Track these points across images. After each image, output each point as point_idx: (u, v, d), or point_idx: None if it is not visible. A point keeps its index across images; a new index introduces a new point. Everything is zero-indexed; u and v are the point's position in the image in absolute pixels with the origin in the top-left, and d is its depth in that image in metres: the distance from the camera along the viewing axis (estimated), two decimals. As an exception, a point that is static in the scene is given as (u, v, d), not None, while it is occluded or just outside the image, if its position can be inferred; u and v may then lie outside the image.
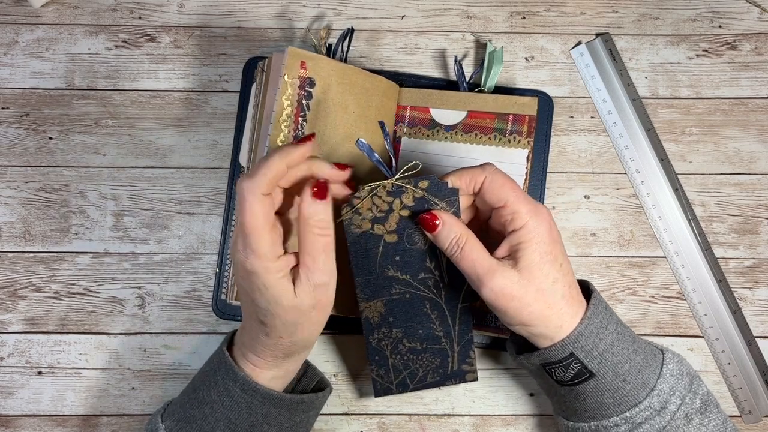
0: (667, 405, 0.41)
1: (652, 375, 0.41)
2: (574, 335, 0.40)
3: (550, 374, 0.42)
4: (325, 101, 0.48)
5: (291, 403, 0.42)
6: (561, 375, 0.42)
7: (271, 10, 0.56)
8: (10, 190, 0.54)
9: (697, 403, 0.42)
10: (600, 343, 0.41)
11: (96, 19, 0.56)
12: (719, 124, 0.55)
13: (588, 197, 0.55)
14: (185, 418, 0.41)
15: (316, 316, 0.40)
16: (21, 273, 0.54)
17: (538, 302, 0.40)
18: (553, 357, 0.41)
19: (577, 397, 0.42)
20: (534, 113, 0.52)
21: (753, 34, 0.56)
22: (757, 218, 0.55)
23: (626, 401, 0.41)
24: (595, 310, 0.41)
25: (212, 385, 0.42)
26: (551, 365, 0.42)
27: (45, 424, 0.53)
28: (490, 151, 0.52)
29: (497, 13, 0.56)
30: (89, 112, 0.55)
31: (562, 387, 0.43)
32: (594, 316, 0.41)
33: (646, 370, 0.41)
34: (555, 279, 0.40)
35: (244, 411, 0.41)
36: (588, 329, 0.41)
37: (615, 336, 0.41)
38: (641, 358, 0.42)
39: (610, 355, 0.41)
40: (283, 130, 0.47)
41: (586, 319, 0.41)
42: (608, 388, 0.41)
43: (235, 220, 0.52)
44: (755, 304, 0.54)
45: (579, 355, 0.40)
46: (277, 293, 0.38)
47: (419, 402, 0.53)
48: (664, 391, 0.41)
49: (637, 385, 0.41)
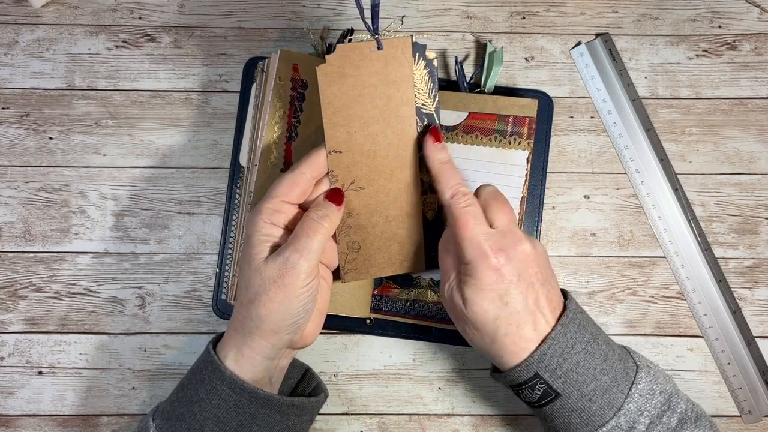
0: (635, 425, 0.40)
1: (620, 395, 0.41)
2: (538, 355, 0.40)
3: (519, 395, 0.42)
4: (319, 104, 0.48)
5: (281, 405, 0.42)
6: (528, 396, 0.42)
7: (271, 10, 0.56)
8: (11, 190, 0.54)
9: (674, 421, 0.41)
10: (564, 362, 0.40)
11: (96, 19, 0.56)
12: (719, 124, 0.55)
13: (588, 197, 0.55)
14: (175, 416, 0.41)
15: (274, 293, 0.39)
16: (21, 273, 0.54)
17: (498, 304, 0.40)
18: (518, 378, 0.41)
19: (546, 418, 0.42)
20: (534, 115, 0.52)
21: (753, 34, 0.56)
22: (756, 218, 0.55)
23: (593, 421, 0.40)
24: (563, 329, 0.41)
25: (200, 383, 0.41)
26: (518, 387, 0.42)
27: (45, 424, 0.53)
28: (491, 152, 0.52)
29: (497, 14, 0.56)
30: (89, 112, 0.55)
31: (533, 408, 0.43)
32: (560, 336, 0.40)
33: (613, 390, 0.41)
34: (496, 316, 0.40)
35: (231, 409, 0.40)
36: (552, 349, 0.40)
37: (582, 355, 0.41)
38: (609, 377, 0.41)
39: (574, 374, 0.40)
40: (276, 131, 0.47)
41: (550, 339, 0.40)
42: (574, 408, 0.40)
43: (235, 220, 0.52)
44: (755, 304, 0.54)
45: (543, 375, 0.40)
46: (252, 252, 0.41)
47: (419, 402, 0.53)
48: (630, 411, 0.40)
49: (603, 405, 0.40)
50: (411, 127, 0.43)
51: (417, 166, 0.44)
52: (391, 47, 0.41)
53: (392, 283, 0.52)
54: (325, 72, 0.41)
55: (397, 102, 0.43)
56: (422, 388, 0.53)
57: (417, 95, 0.43)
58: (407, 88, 0.42)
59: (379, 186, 0.44)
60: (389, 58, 0.41)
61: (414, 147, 0.44)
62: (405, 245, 0.46)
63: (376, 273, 0.46)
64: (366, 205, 0.44)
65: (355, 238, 0.45)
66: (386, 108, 0.42)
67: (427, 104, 0.43)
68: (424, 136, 0.44)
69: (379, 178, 0.44)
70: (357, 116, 0.42)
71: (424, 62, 0.43)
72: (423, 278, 0.52)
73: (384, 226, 0.45)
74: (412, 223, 0.46)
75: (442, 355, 0.54)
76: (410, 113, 0.43)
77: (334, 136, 0.42)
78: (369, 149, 0.43)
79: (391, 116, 0.43)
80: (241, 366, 0.41)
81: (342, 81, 0.41)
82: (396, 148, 0.44)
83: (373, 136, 0.43)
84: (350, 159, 0.43)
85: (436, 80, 0.43)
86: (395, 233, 0.46)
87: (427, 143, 0.43)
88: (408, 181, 0.45)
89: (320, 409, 0.46)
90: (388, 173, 0.44)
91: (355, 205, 0.44)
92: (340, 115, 0.42)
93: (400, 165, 0.44)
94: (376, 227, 0.45)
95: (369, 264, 0.46)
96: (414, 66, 0.42)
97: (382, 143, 0.43)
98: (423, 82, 0.43)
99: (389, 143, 0.43)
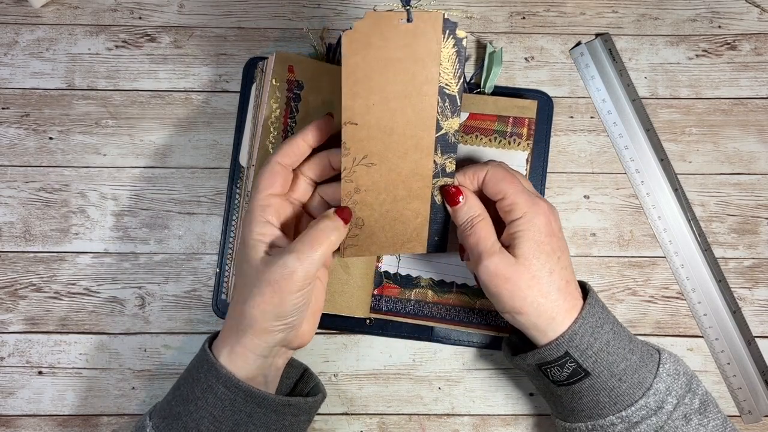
0: (663, 405, 0.41)
1: (649, 374, 0.41)
2: (569, 334, 0.40)
3: (546, 374, 0.43)
4: (314, 103, 0.48)
5: (276, 404, 0.41)
6: (556, 374, 0.42)
7: (271, 10, 0.56)
8: (11, 190, 0.54)
9: (696, 403, 0.42)
10: (595, 342, 0.41)
11: (96, 19, 0.56)
12: (719, 124, 0.55)
13: (588, 197, 0.55)
14: (171, 415, 0.41)
15: (269, 295, 0.39)
16: (21, 273, 0.54)
17: (532, 289, 0.41)
18: (548, 356, 0.41)
19: (573, 396, 0.42)
20: (533, 116, 0.52)
21: (753, 34, 0.56)
22: (756, 218, 0.55)
23: (622, 400, 0.41)
24: (590, 309, 0.42)
25: (196, 382, 0.42)
26: (546, 365, 0.42)
27: (45, 424, 0.53)
28: (491, 152, 0.52)
29: (497, 14, 0.56)
30: (89, 112, 0.55)
31: (558, 387, 0.43)
32: (589, 315, 0.41)
33: (642, 370, 0.41)
34: (551, 270, 0.41)
35: (227, 408, 0.40)
36: (583, 328, 0.41)
37: (611, 335, 0.41)
38: (637, 357, 0.42)
39: (605, 354, 0.41)
40: (272, 132, 0.48)
41: (581, 318, 0.41)
42: (604, 387, 0.41)
43: (235, 220, 0.52)
44: (755, 304, 0.54)
45: (574, 354, 0.40)
46: (248, 252, 0.41)
47: (419, 402, 0.53)
48: (660, 391, 0.41)
49: (633, 385, 0.41)
50: (432, 107, 0.42)
51: (432, 148, 0.43)
52: (422, 21, 0.39)
53: (392, 282, 0.52)
54: (351, 38, 0.39)
55: (421, 80, 0.41)
56: (422, 388, 0.53)
57: (441, 74, 0.41)
58: (433, 66, 0.41)
59: (391, 164, 0.43)
60: (418, 33, 0.39)
61: (432, 128, 0.43)
62: (409, 226, 0.46)
63: (377, 251, 0.46)
64: (375, 182, 0.43)
65: (360, 215, 0.44)
66: (410, 84, 0.41)
67: (451, 85, 0.42)
68: None
69: (393, 156, 0.43)
70: (378, 89, 0.40)
71: (453, 41, 0.40)
72: (423, 278, 0.52)
73: (390, 204, 0.44)
74: (419, 205, 0.45)
75: (442, 355, 0.54)
76: (433, 92, 0.42)
77: (352, 107, 0.40)
78: (386, 125, 0.42)
79: (413, 93, 0.41)
80: (235, 363, 0.41)
81: (367, 51, 0.39)
82: (414, 127, 0.42)
83: (392, 112, 0.41)
84: (365, 133, 0.41)
85: (464, 61, 0.41)
86: (401, 213, 0.45)
87: (450, 207, 0.44)
88: (421, 162, 0.43)
89: (318, 409, 0.46)
90: (402, 152, 0.43)
91: (364, 181, 0.43)
92: (361, 86, 0.40)
93: (415, 145, 0.43)
94: (383, 205, 0.44)
95: (371, 242, 0.45)
96: (443, 44, 0.40)
97: (401, 120, 0.42)
98: (449, 61, 0.41)
99: (407, 121, 0.42)
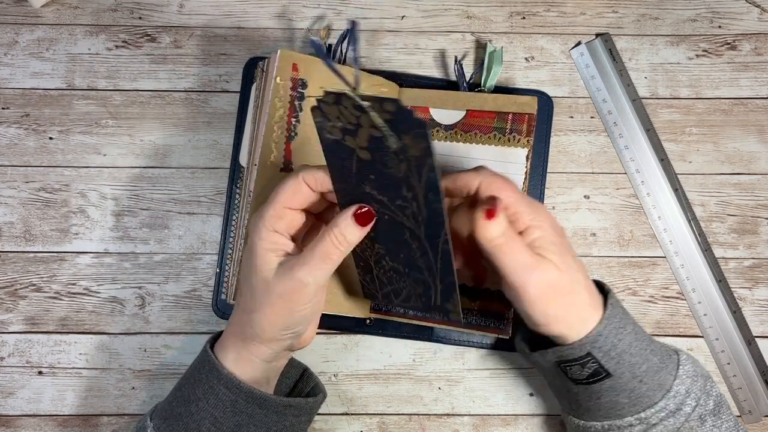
0: (682, 406, 0.40)
1: (669, 376, 0.41)
2: (593, 335, 0.40)
3: (565, 372, 0.42)
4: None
5: (278, 405, 0.41)
6: (576, 373, 0.41)
7: (271, 10, 0.56)
8: (11, 190, 0.54)
9: (711, 404, 0.41)
10: (619, 343, 0.40)
11: (96, 19, 0.56)
12: (719, 124, 0.55)
13: (588, 197, 0.55)
14: (172, 415, 0.41)
15: (280, 307, 0.39)
16: (21, 273, 0.54)
17: (573, 294, 0.40)
18: (569, 355, 0.41)
19: (591, 395, 0.42)
20: (534, 112, 0.52)
21: (753, 35, 0.56)
22: (756, 218, 0.55)
23: (642, 402, 0.40)
24: (613, 310, 0.41)
25: (197, 382, 0.42)
26: (567, 363, 0.41)
27: (45, 424, 0.53)
28: (490, 150, 0.52)
29: (497, 13, 0.57)
30: (89, 112, 0.55)
31: (576, 385, 0.42)
32: (612, 316, 0.41)
33: (663, 372, 0.41)
34: (578, 269, 0.41)
35: (228, 409, 0.40)
36: (607, 329, 0.40)
37: (633, 337, 0.41)
38: (658, 359, 0.41)
39: (628, 356, 0.40)
40: (276, 131, 0.47)
41: (605, 320, 0.40)
42: (625, 389, 0.40)
43: (235, 220, 0.52)
44: (755, 304, 0.54)
45: (597, 355, 0.40)
46: (257, 263, 0.39)
47: (419, 402, 0.53)
48: (680, 393, 0.41)
49: (654, 387, 0.41)
50: None
51: None
52: None
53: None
54: None
55: None
56: (422, 388, 0.53)
57: None
58: None
59: None
60: None
61: None
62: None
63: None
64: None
65: None
66: None
67: None
68: None
69: None
70: None
71: None
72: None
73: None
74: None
75: (442, 355, 0.54)
76: None
77: None
78: None
79: None
80: (241, 368, 0.41)
81: None
82: None
83: None
84: None
85: None
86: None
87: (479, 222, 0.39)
88: None
89: (318, 409, 0.46)
90: None
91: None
92: None
93: None
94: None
95: None
96: None
97: None
98: None
99: None
